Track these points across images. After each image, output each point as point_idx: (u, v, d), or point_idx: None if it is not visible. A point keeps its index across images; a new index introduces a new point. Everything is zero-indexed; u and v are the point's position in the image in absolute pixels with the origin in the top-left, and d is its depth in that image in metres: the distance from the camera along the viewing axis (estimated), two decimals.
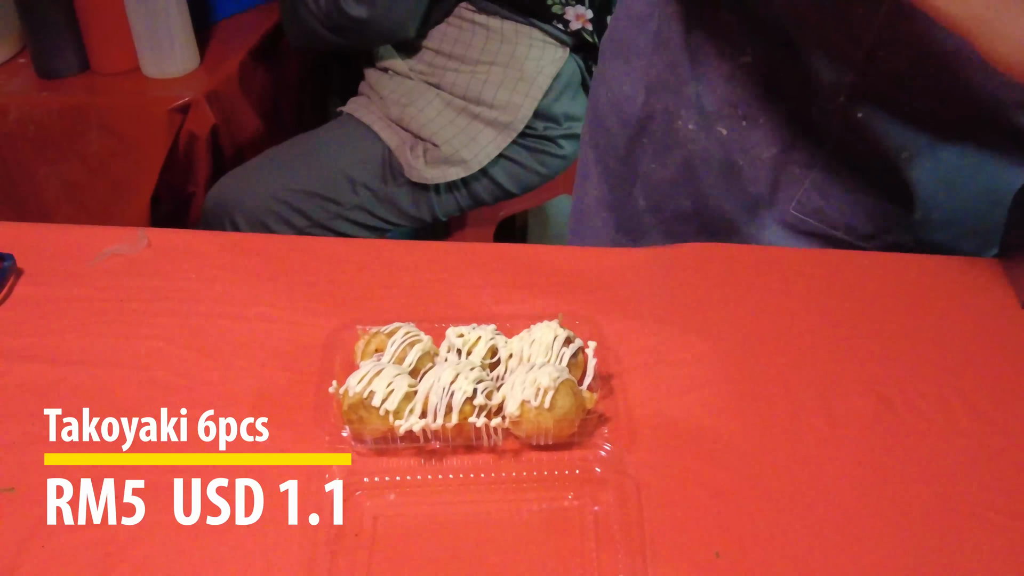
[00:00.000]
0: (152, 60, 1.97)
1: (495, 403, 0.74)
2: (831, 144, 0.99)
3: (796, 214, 1.04)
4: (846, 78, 0.94)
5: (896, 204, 1.00)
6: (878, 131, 0.96)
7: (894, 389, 0.80)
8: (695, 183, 1.10)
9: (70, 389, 0.82)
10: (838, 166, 1.00)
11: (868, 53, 0.92)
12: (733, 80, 1.02)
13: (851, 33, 0.92)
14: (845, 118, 0.97)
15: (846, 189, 1.01)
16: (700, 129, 1.07)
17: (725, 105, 1.04)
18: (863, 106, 0.95)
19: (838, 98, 0.96)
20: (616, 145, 1.18)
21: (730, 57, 1.01)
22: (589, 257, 0.99)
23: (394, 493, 0.72)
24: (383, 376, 0.74)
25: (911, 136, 0.95)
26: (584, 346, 0.79)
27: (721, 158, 1.07)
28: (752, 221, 1.07)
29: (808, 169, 1.02)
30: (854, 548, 0.69)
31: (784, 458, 0.75)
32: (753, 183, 1.06)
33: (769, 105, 1.01)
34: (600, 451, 0.74)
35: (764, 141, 1.03)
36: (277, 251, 1.01)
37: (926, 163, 0.96)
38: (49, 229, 1.05)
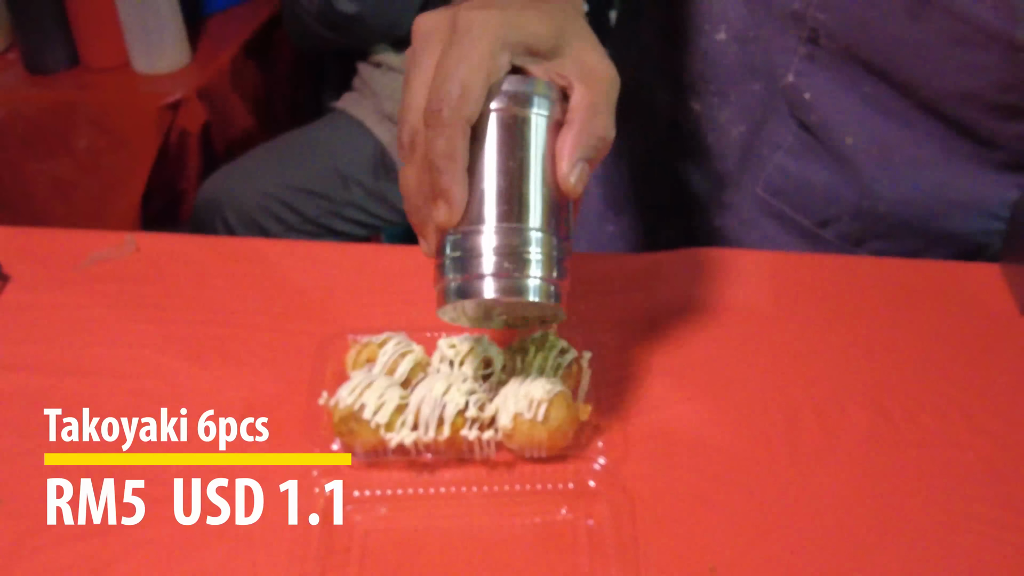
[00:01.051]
0: (143, 55, 1.96)
1: (488, 415, 0.73)
2: (796, 126, 1.00)
3: (762, 194, 1.04)
4: (793, 57, 0.95)
5: (846, 192, 1.00)
6: (824, 114, 0.96)
7: (892, 399, 0.79)
8: (666, 156, 1.11)
9: (59, 398, 0.81)
10: (800, 148, 1.00)
11: (812, 31, 0.93)
12: (708, 56, 1.02)
13: (793, 11, 0.93)
14: (793, 100, 0.98)
15: (804, 172, 1.01)
16: (673, 103, 1.08)
17: (699, 81, 1.04)
18: (810, 87, 0.96)
19: (784, 79, 0.97)
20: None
21: (707, 33, 1.01)
22: (583, 264, 0.97)
23: (385, 507, 0.71)
24: (374, 388, 0.73)
25: (856, 121, 0.96)
26: (578, 356, 0.78)
27: (692, 133, 1.07)
28: (718, 198, 1.08)
29: (774, 149, 1.02)
30: (851, 561, 0.68)
31: (780, 470, 0.74)
32: (721, 160, 1.06)
33: (740, 84, 1.02)
34: (594, 464, 0.73)
35: (733, 119, 1.04)
36: (267, 256, 1.00)
37: (872, 151, 0.96)
38: (35, 234, 1.03)
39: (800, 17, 0.93)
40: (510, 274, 0.64)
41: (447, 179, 0.62)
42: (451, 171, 0.62)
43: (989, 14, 0.84)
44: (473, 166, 0.64)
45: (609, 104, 0.66)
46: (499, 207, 0.64)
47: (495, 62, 0.62)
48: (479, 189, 0.64)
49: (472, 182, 0.64)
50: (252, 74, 2.10)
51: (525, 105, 0.65)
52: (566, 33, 0.66)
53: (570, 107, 0.66)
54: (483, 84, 0.62)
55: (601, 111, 0.66)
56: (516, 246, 0.64)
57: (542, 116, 0.65)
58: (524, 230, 0.64)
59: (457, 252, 0.65)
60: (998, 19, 0.84)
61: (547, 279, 0.65)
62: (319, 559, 0.67)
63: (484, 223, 0.64)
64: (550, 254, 0.65)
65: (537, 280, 0.65)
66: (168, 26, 1.93)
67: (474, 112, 0.62)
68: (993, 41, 0.86)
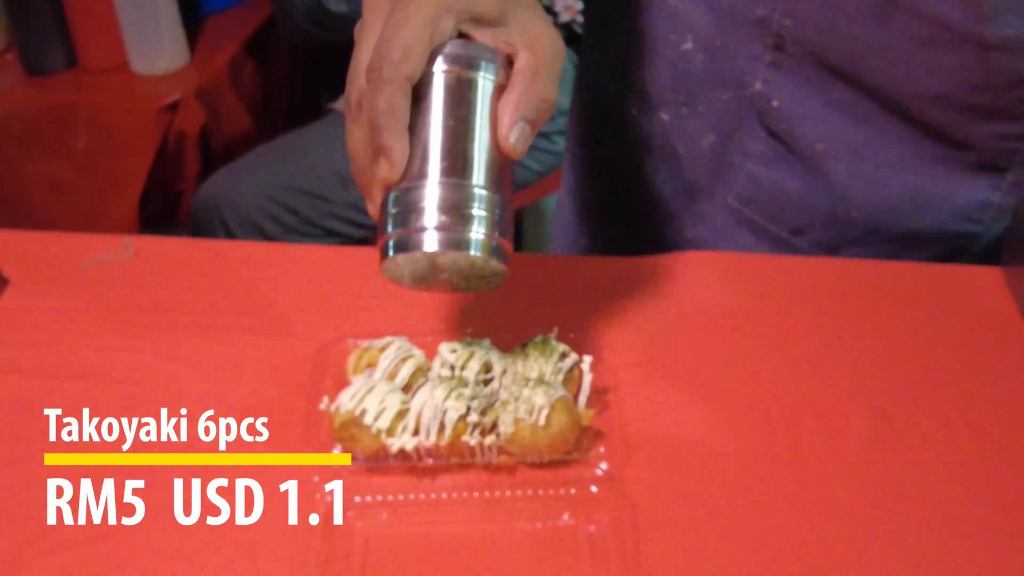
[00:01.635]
0: (141, 56, 1.96)
1: (489, 421, 0.73)
2: (766, 134, 0.99)
3: (734, 204, 1.04)
4: (759, 65, 0.95)
5: (818, 199, 0.99)
6: (794, 121, 0.96)
7: (893, 403, 0.79)
8: (639, 167, 1.11)
9: (57, 402, 0.81)
10: (772, 157, 1.00)
11: (778, 38, 0.93)
12: (675, 66, 1.02)
13: (758, 18, 0.93)
14: (762, 108, 0.98)
15: (776, 181, 1.01)
16: (641, 114, 1.08)
17: (667, 91, 1.04)
18: (778, 94, 0.96)
19: (751, 87, 0.97)
20: (581, 130, 1.21)
21: (674, 44, 1.01)
22: (583, 267, 0.98)
23: (386, 512, 0.71)
24: (375, 393, 0.73)
25: (825, 128, 0.95)
26: (579, 361, 0.78)
27: (662, 143, 1.07)
28: (690, 209, 1.08)
29: (745, 158, 1.02)
30: (853, 566, 0.68)
31: (782, 475, 0.74)
32: (691, 170, 1.06)
33: (708, 93, 1.02)
34: (596, 469, 0.73)
35: (703, 128, 1.03)
36: (266, 259, 0.99)
37: (843, 157, 0.96)
38: (34, 237, 1.03)
39: (765, 24, 0.93)
40: (452, 228, 0.65)
41: (388, 135, 0.64)
42: (391, 127, 0.64)
43: (957, 14, 0.84)
44: (417, 125, 0.66)
45: (552, 71, 0.68)
46: (442, 163, 0.65)
47: (438, 26, 0.65)
48: (422, 146, 0.66)
49: (416, 140, 0.66)
50: (250, 75, 2.10)
51: (469, 68, 0.66)
52: (512, 3, 0.68)
53: (513, 71, 0.68)
54: (424, 45, 0.64)
55: (543, 75, 0.67)
56: (458, 201, 0.65)
57: (487, 79, 0.67)
58: (467, 186, 0.65)
59: (399, 207, 0.66)
60: (967, 19, 0.84)
61: (490, 236, 0.66)
62: (320, 565, 0.67)
63: (427, 178, 0.65)
64: (493, 211, 0.66)
65: (480, 236, 0.65)
66: (166, 27, 1.93)
67: (415, 71, 0.64)
68: (962, 42, 0.85)
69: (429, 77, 0.66)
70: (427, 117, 0.66)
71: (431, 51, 0.65)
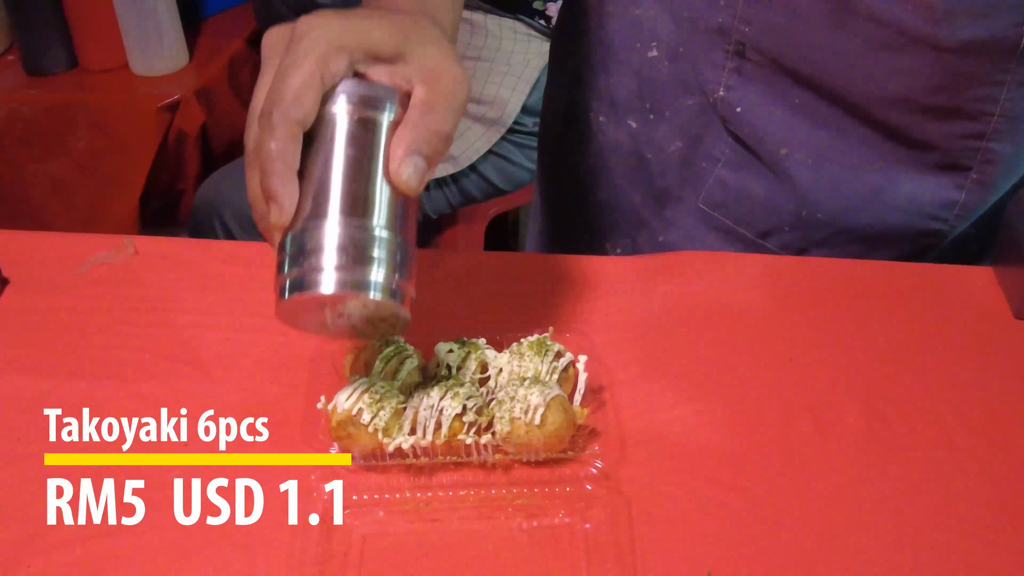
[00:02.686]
0: (141, 57, 1.96)
1: (485, 419, 0.74)
2: (731, 139, 1.00)
3: (703, 208, 1.05)
4: (722, 72, 0.96)
5: (784, 202, 1.00)
6: (757, 127, 0.97)
7: (886, 402, 0.80)
8: (607, 174, 1.12)
9: (58, 401, 0.81)
10: (739, 161, 1.01)
11: (738, 44, 0.94)
12: (641, 73, 1.03)
13: (719, 24, 0.94)
14: (726, 115, 0.99)
15: (743, 185, 1.02)
16: (609, 122, 1.08)
17: (634, 98, 1.05)
18: (741, 100, 0.97)
19: (715, 94, 0.98)
20: (549, 138, 1.22)
21: (639, 51, 1.02)
22: (578, 266, 0.98)
23: (383, 510, 0.72)
24: (372, 392, 0.73)
25: (788, 132, 0.96)
26: (574, 360, 0.79)
27: (630, 150, 1.08)
28: (661, 214, 1.09)
29: (713, 163, 1.02)
30: (847, 563, 0.68)
31: (776, 473, 0.74)
32: (660, 176, 1.07)
33: (674, 99, 1.02)
34: (591, 468, 0.74)
35: (670, 135, 1.04)
36: (265, 259, 0.99)
37: (807, 160, 0.97)
38: (34, 237, 1.04)
39: (725, 31, 0.94)
40: (349, 269, 0.63)
41: (275, 180, 0.63)
42: (279, 172, 0.62)
43: (910, 17, 0.85)
44: (314, 167, 0.64)
45: (451, 104, 0.66)
46: (339, 203, 0.64)
47: (330, 66, 0.63)
48: (319, 188, 0.64)
49: (313, 182, 0.64)
50: (250, 75, 2.10)
51: (365, 107, 0.65)
52: (411, 38, 0.66)
53: (409, 106, 0.66)
54: (316, 87, 0.63)
55: (438, 109, 0.66)
56: (356, 241, 0.63)
57: (382, 117, 0.66)
58: (365, 226, 0.64)
59: (295, 248, 0.64)
60: (920, 22, 0.85)
61: (389, 278, 0.64)
62: (317, 562, 0.68)
63: (323, 219, 0.63)
64: (392, 252, 0.64)
65: (379, 278, 0.64)
66: (166, 28, 1.93)
67: (306, 114, 0.63)
68: (916, 44, 0.86)
69: (325, 118, 0.64)
70: (324, 158, 0.64)
71: (325, 92, 0.64)
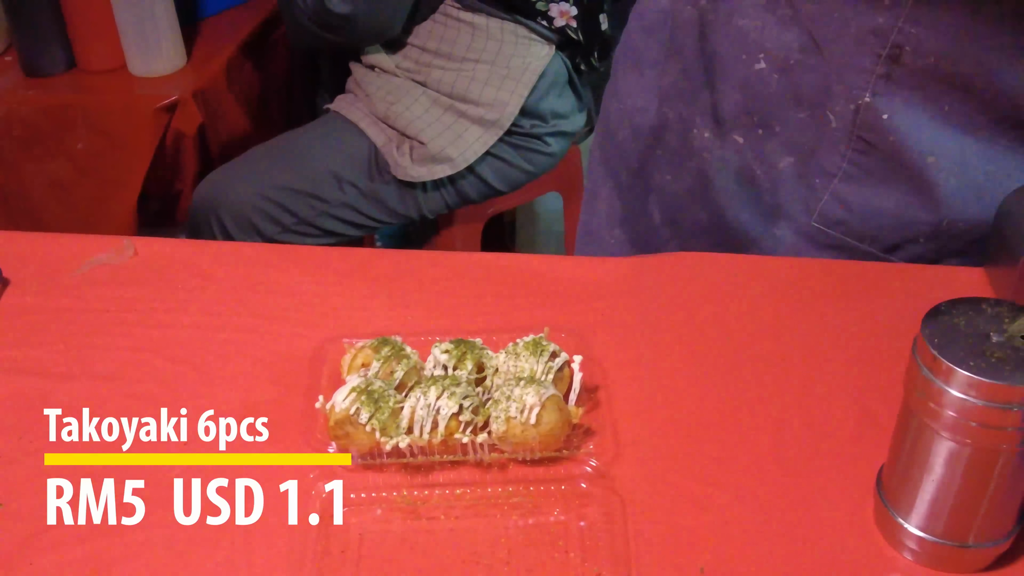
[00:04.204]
0: (139, 58, 1.96)
1: (481, 419, 0.75)
2: (853, 152, 0.97)
3: (817, 226, 1.01)
4: (870, 77, 0.92)
5: (922, 213, 0.97)
6: (904, 134, 0.93)
7: (877, 401, 0.81)
8: (711, 194, 1.07)
9: (58, 401, 0.81)
10: (861, 175, 0.97)
11: (894, 48, 0.90)
12: (747, 87, 1.00)
13: (876, 27, 0.90)
14: (868, 121, 0.94)
15: (869, 199, 0.98)
16: (715, 138, 1.05)
17: (740, 113, 1.02)
18: (889, 107, 0.93)
19: (860, 99, 0.94)
20: (628, 158, 1.16)
21: (744, 64, 0.99)
22: (574, 267, 0.99)
23: (381, 508, 0.73)
24: (370, 392, 0.74)
25: (939, 139, 0.93)
26: (569, 360, 0.80)
27: (737, 167, 1.04)
28: (770, 233, 1.04)
29: (828, 179, 0.99)
30: (840, 561, 0.69)
31: (769, 472, 0.75)
32: (770, 193, 1.03)
33: (785, 112, 0.99)
34: (586, 466, 0.75)
35: (780, 149, 1.01)
36: (263, 259, 1.01)
37: (954, 168, 0.94)
38: (34, 238, 1.05)
39: (883, 33, 0.90)
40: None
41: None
42: None
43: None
44: None
45: None
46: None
47: None
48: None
49: None
50: (247, 76, 2.11)
51: None
52: None
53: None
54: None
55: None
56: None
57: None
58: None
59: None
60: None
61: None
62: (316, 560, 0.69)
63: None
64: None
65: None
66: (164, 29, 1.94)
67: None
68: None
69: None
70: None
71: None
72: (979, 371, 0.60)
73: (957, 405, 0.61)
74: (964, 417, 0.61)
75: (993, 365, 0.60)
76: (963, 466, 0.64)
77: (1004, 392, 0.60)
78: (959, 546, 0.67)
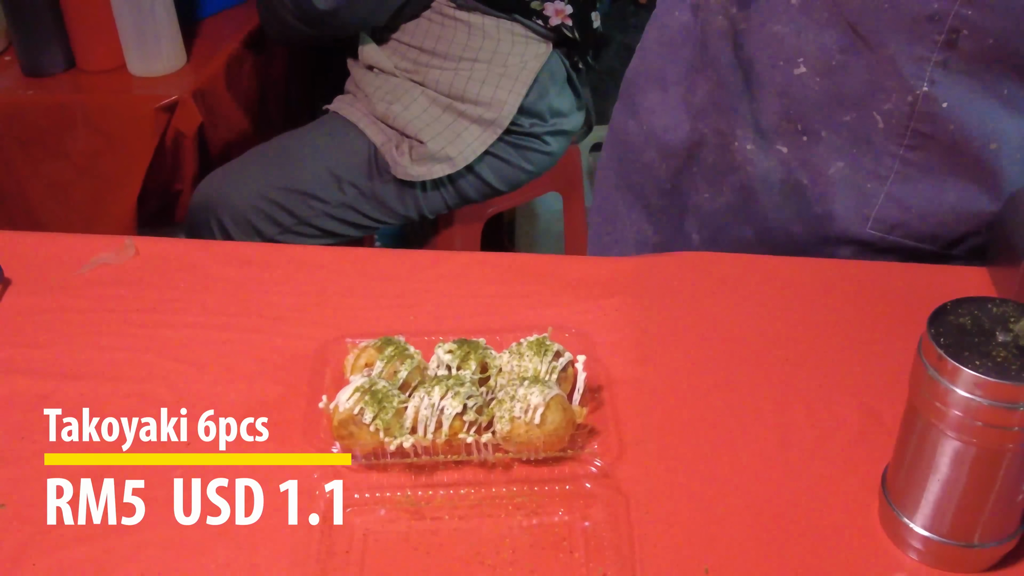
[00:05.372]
0: (138, 58, 1.96)
1: (485, 419, 0.75)
2: (906, 149, 0.95)
3: (874, 232, 0.99)
4: (927, 66, 0.90)
5: (985, 203, 0.95)
6: (964, 122, 0.92)
7: (881, 401, 0.81)
8: (756, 208, 1.05)
9: (58, 401, 0.82)
10: (917, 173, 0.95)
11: (951, 33, 0.88)
12: (788, 94, 0.98)
13: (931, 12, 0.88)
14: (927, 112, 0.92)
15: (928, 196, 0.96)
16: (758, 149, 1.02)
17: (782, 121, 1.00)
18: (948, 95, 0.91)
19: (918, 89, 0.91)
20: (659, 179, 1.13)
21: (783, 70, 0.97)
22: (577, 267, 0.99)
23: (384, 508, 0.73)
24: (373, 392, 0.74)
25: (1000, 124, 0.92)
26: (573, 360, 0.80)
27: (783, 178, 1.02)
28: (823, 244, 1.02)
29: (882, 181, 0.97)
30: (844, 561, 0.69)
31: (773, 471, 0.75)
32: (820, 202, 1.00)
33: (830, 116, 0.97)
34: (591, 466, 0.75)
35: (828, 155, 0.98)
36: (265, 259, 1.01)
37: (1016, 154, 0.93)
38: (36, 238, 1.05)
39: (939, 18, 0.88)
40: None
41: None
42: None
43: None
44: None
45: None
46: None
47: None
48: None
49: None
50: (247, 76, 2.10)
51: None
52: None
53: None
54: None
55: None
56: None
57: None
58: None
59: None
60: None
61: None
62: (320, 560, 0.69)
63: None
64: None
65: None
66: (163, 29, 1.93)
67: None
68: None
69: None
70: None
71: None
72: (985, 370, 0.60)
73: (963, 404, 0.61)
74: (970, 417, 0.61)
75: (999, 364, 0.60)
76: (968, 466, 0.64)
77: (1010, 391, 0.60)
78: (964, 546, 0.67)
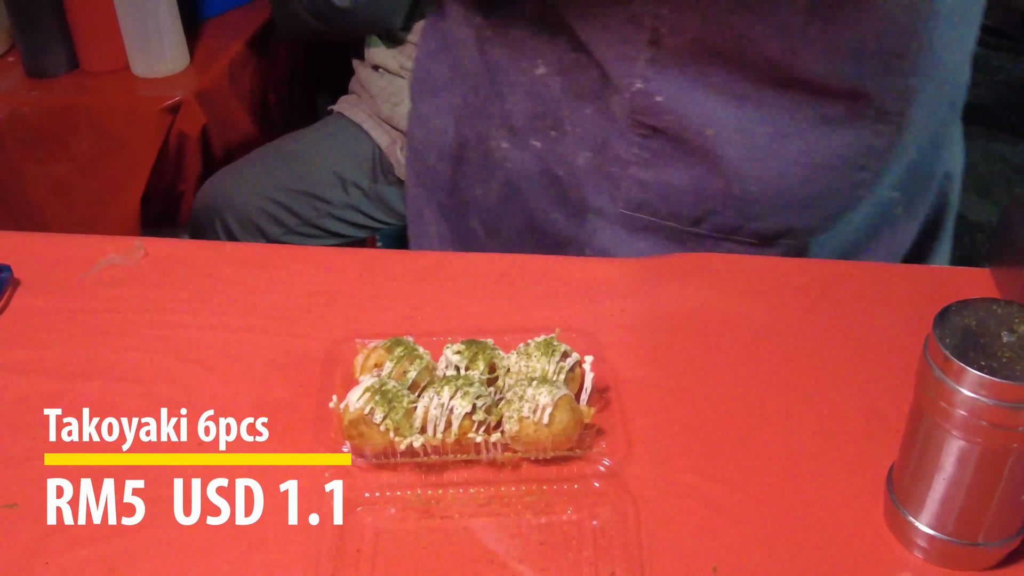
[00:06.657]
0: (142, 59, 1.96)
1: (494, 418, 0.75)
2: (640, 138, 1.00)
3: (625, 212, 1.04)
4: (636, 64, 0.95)
5: (713, 184, 1.00)
6: (680, 113, 0.97)
7: (886, 401, 0.81)
8: (521, 200, 1.10)
9: (68, 402, 0.82)
10: (652, 158, 1.00)
11: (653, 32, 0.93)
12: (533, 92, 1.03)
13: (632, 15, 0.93)
14: (645, 106, 0.97)
15: (664, 179, 1.01)
16: (513, 147, 1.08)
17: (532, 118, 1.05)
18: (660, 90, 0.96)
19: (633, 87, 0.97)
20: (441, 179, 1.19)
21: (526, 71, 1.02)
22: (585, 267, 1.00)
23: (395, 507, 0.73)
24: (383, 392, 0.75)
25: (713, 111, 0.96)
26: (581, 360, 0.80)
27: (540, 171, 1.07)
28: (583, 227, 1.08)
29: (625, 166, 1.02)
30: (850, 560, 0.70)
31: (781, 471, 0.76)
32: (574, 190, 1.06)
33: (572, 112, 1.02)
34: (599, 466, 0.75)
35: (575, 147, 1.04)
36: (273, 260, 1.01)
37: (733, 136, 0.97)
38: (45, 238, 1.05)
39: (639, 19, 0.93)
40: None
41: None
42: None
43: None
44: None
45: None
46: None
47: None
48: None
49: None
50: (250, 77, 2.11)
51: None
52: None
53: None
54: None
55: None
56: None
57: None
58: None
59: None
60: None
61: None
62: (331, 560, 0.69)
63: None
64: None
65: None
66: (167, 30, 1.94)
67: None
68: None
69: None
70: None
71: None
72: (990, 371, 0.61)
73: (968, 405, 0.62)
74: (975, 416, 0.62)
75: (1004, 365, 0.61)
76: (974, 465, 0.65)
77: (1015, 392, 0.60)
78: (969, 544, 0.68)
